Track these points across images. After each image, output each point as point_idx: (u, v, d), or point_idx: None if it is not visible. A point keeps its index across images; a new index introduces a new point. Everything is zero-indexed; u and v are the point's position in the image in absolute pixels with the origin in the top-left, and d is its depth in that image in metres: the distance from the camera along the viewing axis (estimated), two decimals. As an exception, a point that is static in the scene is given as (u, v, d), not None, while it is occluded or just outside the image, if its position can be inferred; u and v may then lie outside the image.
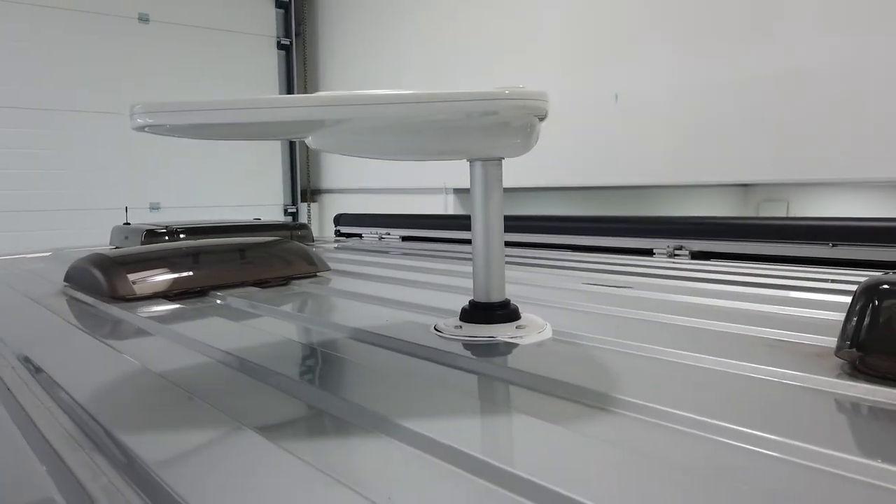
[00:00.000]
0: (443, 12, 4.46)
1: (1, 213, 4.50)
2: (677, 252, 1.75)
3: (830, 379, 0.59)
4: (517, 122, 0.68)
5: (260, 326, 0.96)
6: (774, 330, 0.78)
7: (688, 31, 3.05)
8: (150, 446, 0.50)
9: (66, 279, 1.37)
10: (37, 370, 0.74)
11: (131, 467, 0.46)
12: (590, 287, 1.20)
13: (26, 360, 0.78)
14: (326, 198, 6.01)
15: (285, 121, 0.61)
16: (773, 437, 0.46)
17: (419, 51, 4.66)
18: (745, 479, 0.42)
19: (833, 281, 1.21)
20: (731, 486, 0.41)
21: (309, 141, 0.74)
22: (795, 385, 0.59)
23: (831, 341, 0.65)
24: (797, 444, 0.45)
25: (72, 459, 0.49)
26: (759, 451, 0.45)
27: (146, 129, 0.61)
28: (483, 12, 4.12)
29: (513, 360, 0.72)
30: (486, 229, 0.79)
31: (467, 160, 0.78)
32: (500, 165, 0.78)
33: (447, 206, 4.36)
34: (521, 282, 1.27)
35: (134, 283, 1.18)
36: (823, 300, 1.00)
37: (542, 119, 0.71)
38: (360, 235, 2.81)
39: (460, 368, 0.69)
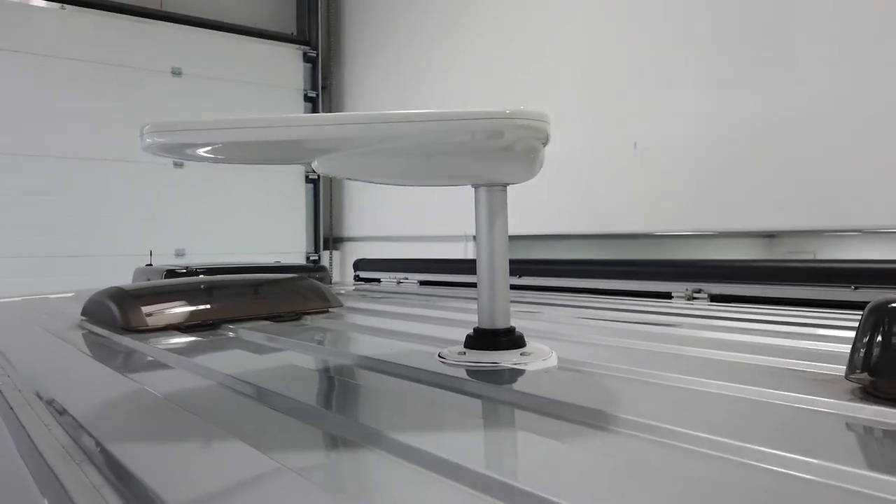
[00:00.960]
0: (469, 62, 4.56)
1: (32, 258, 4.62)
2: (696, 295, 1.73)
3: (842, 402, 0.57)
4: (519, 143, 0.68)
5: (270, 356, 0.96)
6: (786, 360, 0.76)
7: (707, 75, 3.07)
8: (140, 456, 0.49)
9: (84, 313, 1.39)
10: (40, 393, 0.74)
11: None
12: (600, 322, 1.19)
13: (33, 386, 0.79)
14: (349, 246, 6.06)
15: (289, 140, 0.63)
16: (782, 453, 0.44)
17: (443, 98, 4.75)
18: (756, 494, 0.40)
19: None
20: (745, 501, 0.39)
21: (315, 165, 0.75)
22: (806, 408, 0.57)
23: (843, 370, 0.63)
24: (804, 459, 0.43)
25: (64, 472, 0.49)
26: (767, 468, 0.43)
27: (154, 148, 0.62)
28: (508, 55, 4.21)
29: (516, 384, 0.70)
30: (491, 255, 0.79)
31: (472, 186, 0.79)
32: (505, 192, 0.78)
33: (468, 252, 4.38)
34: (530, 318, 1.26)
35: (148, 315, 1.19)
36: (838, 335, 0.97)
37: (544, 143, 0.72)
38: (378, 280, 2.82)
39: (462, 392, 0.68)
